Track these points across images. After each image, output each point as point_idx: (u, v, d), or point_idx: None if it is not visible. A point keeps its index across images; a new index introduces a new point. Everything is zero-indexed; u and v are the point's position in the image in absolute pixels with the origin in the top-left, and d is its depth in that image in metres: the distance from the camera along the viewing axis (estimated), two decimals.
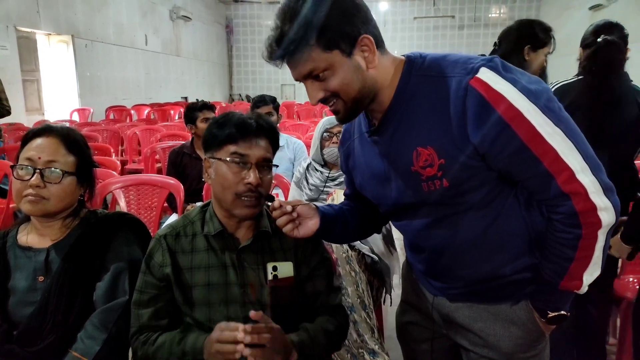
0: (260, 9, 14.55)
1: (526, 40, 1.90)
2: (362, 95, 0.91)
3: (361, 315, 1.77)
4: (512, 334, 1.00)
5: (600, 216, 0.84)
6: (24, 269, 1.20)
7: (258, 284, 1.13)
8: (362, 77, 0.89)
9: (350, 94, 0.90)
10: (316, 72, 0.88)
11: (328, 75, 0.88)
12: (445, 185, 0.90)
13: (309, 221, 1.07)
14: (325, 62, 0.87)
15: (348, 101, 0.91)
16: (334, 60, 0.87)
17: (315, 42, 0.85)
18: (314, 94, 0.91)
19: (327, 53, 0.86)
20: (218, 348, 0.99)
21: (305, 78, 0.90)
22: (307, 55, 0.86)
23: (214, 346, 0.99)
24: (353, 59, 0.88)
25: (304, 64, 0.88)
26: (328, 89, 0.90)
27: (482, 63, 0.85)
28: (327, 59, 0.86)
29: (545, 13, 13.52)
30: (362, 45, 0.88)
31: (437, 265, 1.05)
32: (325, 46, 0.85)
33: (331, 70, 0.88)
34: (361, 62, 0.88)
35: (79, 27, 7.67)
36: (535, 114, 0.82)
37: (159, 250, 1.14)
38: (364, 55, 0.88)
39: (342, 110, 0.93)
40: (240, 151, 1.08)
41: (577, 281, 0.90)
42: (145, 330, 1.11)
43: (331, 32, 0.85)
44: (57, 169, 1.17)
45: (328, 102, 0.92)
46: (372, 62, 0.89)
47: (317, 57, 0.86)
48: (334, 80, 0.88)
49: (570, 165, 0.82)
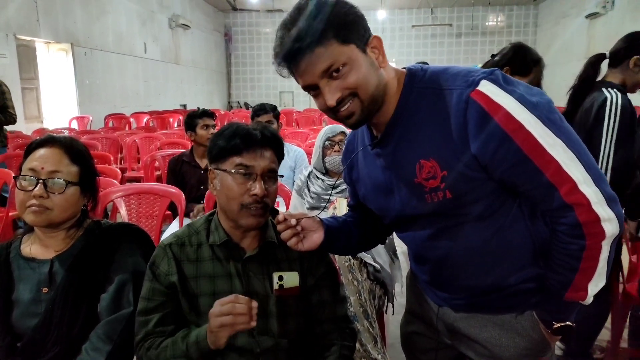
0: (259, 17, 14.64)
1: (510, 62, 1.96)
2: (378, 92, 0.90)
3: (364, 325, 1.76)
4: (518, 344, 1.00)
5: (604, 227, 0.84)
6: (27, 281, 1.20)
7: (264, 294, 1.13)
8: (377, 74, 0.90)
9: (368, 90, 0.88)
10: (336, 65, 0.86)
11: (347, 70, 0.87)
12: (449, 196, 0.90)
13: (313, 234, 1.07)
14: (345, 56, 0.86)
15: (365, 99, 0.89)
16: (352, 54, 0.86)
17: (333, 36, 0.85)
18: (331, 94, 0.88)
19: (345, 46, 0.86)
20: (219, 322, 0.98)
21: (322, 77, 0.87)
22: (325, 50, 0.85)
23: (214, 320, 0.99)
24: (367, 55, 0.89)
25: (323, 59, 0.85)
26: (347, 86, 0.87)
27: (483, 76, 0.85)
28: (346, 52, 0.86)
29: (542, 21, 13.65)
30: (372, 47, 0.89)
31: (442, 275, 1.05)
32: (343, 40, 0.85)
33: (350, 64, 0.86)
34: (374, 59, 0.90)
35: (78, 36, 7.71)
36: (536, 125, 0.82)
37: (165, 259, 1.14)
38: (374, 54, 0.90)
39: (358, 110, 0.90)
40: (245, 162, 1.09)
41: (582, 292, 0.90)
42: (150, 336, 1.11)
43: (347, 26, 0.86)
44: (60, 179, 1.17)
45: (344, 103, 0.89)
46: (383, 62, 0.91)
47: (336, 50, 0.85)
48: (353, 75, 0.87)
49: (573, 176, 0.83)
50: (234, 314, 0.97)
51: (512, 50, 2.02)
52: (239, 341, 1.10)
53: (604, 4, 9.49)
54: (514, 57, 1.98)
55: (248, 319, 0.98)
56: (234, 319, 0.97)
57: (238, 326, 0.98)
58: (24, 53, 6.63)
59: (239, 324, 0.98)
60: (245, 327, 0.98)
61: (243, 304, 0.98)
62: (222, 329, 0.99)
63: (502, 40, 13.67)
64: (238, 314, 0.97)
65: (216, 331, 1.00)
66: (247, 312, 0.98)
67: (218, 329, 0.99)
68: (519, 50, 2.01)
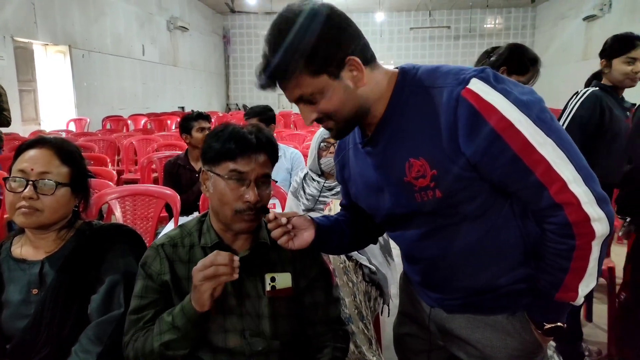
0: (257, 20, 14.66)
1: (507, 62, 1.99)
2: (354, 113, 0.93)
3: (359, 327, 1.76)
4: (509, 345, 0.99)
5: (594, 227, 0.84)
6: (17, 282, 1.19)
7: (256, 295, 1.13)
8: (352, 97, 0.91)
9: (341, 114, 0.92)
10: (306, 96, 0.90)
11: (318, 98, 0.90)
12: (439, 195, 0.90)
13: (304, 232, 1.07)
14: (314, 87, 0.89)
15: (340, 121, 0.94)
16: (323, 85, 0.88)
17: (302, 69, 0.86)
18: (307, 116, 0.94)
19: (315, 78, 0.87)
20: (201, 275, 0.98)
21: (297, 102, 0.93)
22: (295, 82, 0.89)
23: (197, 275, 0.99)
24: (341, 80, 0.89)
25: (293, 89, 0.90)
26: (320, 111, 0.92)
27: (474, 74, 0.85)
28: (316, 83, 0.88)
29: (540, 23, 13.69)
30: (350, 66, 0.89)
31: (433, 276, 1.05)
32: (312, 72, 0.87)
33: (321, 93, 0.89)
34: (349, 82, 0.89)
35: (76, 38, 7.70)
36: (526, 125, 0.82)
37: (157, 259, 1.13)
38: (352, 74, 0.89)
39: (335, 129, 0.96)
40: (239, 169, 1.08)
41: (572, 292, 0.90)
42: (138, 333, 1.10)
43: (317, 58, 0.86)
44: (50, 180, 1.16)
45: (321, 122, 0.95)
46: (360, 81, 0.90)
47: (305, 82, 0.88)
48: (325, 103, 0.90)
49: (563, 175, 0.82)
50: (216, 264, 0.98)
51: (507, 50, 2.02)
52: (231, 342, 1.10)
53: (601, 6, 9.53)
54: (510, 56, 1.99)
55: (230, 270, 0.98)
56: (216, 269, 0.98)
57: (221, 278, 0.98)
58: (21, 55, 6.62)
59: (222, 274, 0.98)
60: (227, 279, 0.99)
61: (224, 256, 0.99)
62: (206, 282, 0.98)
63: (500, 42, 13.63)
64: (220, 264, 0.98)
65: (199, 285, 0.99)
66: (229, 263, 0.98)
67: (201, 282, 0.98)
68: (515, 49, 2.01)
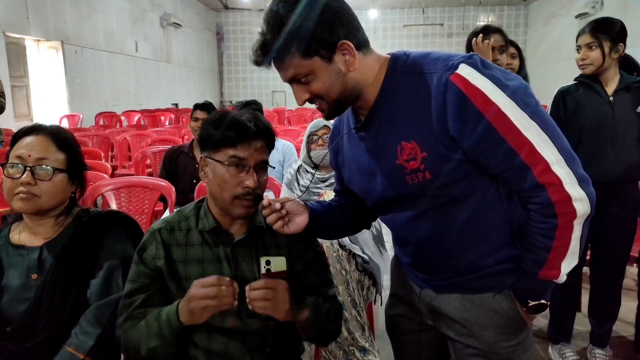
0: (251, 16, 14.62)
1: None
2: (344, 96, 0.96)
3: (352, 314, 1.79)
4: (495, 323, 1.03)
5: (575, 206, 0.88)
6: (17, 267, 1.21)
7: (252, 278, 1.15)
8: (343, 80, 0.94)
9: (332, 96, 0.95)
10: (298, 77, 0.94)
11: (310, 79, 0.94)
12: (428, 177, 0.93)
13: (297, 217, 1.10)
14: (307, 69, 0.92)
15: (331, 102, 0.97)
16: (315, 66, 0.92)
17: (296, 50, 0.90)
18: (299, 96, 0.97)
19: (307, 60, 0.91)
20: (203, 304, 1.00)
21: (290, 81, 0.96)
22: (289, 62, 0.92)
23: (198, 303, 1.00)
24: (333, 63, 0.92)
25: (287, 70, 0.94)
26: (311, 92, 0.95)
27: (462, 60, 0.89)
28: (308, 65, 0.92)
29: (532, 21, 13.77)
30: (342, 50, 0.92)
31: (423, 257, 1.08)
32: (305, 54, 0.91)
33: (313, 75, 0.93)
34: (342, 66, 0.93)
35: (68, 34, 7.66)
36: (512, 108, 0.86)
37: (153, 243, 1.15)
38: (344, 58, 0.93)
39: (327, 109, 0.99)
40: (239, 155, 1.10)
41: (555, 271, 0.94)
42: (131, 318, 1.12)
43: (311, 41, 0.89)
44: (47, 166, 1.19)
45: (313, 102, 0.98)
46: (352, 65, 0.93)
47: (298, 63, 0.92)
48: (316, 84, 0.94)
49: (546, 157, 0.86)
50: (220, 296, 1.00)
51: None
52: (226, 323, 1.12)
53: (593, 4, 9.60)
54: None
55: (232, 300, 1.01)
56: (220, 300, 1.00)
57: (223, 307, 1.01)
58: (13, 51, 6.57)
59: (224, 305, 1.01)
60: (228, 307, 1.01)
61: (228, 287, 1.01)
62: (206, 310, 1.01)
63: None
64: (224, 297, 1.00)
65: (199, 312, 1.01)
66: (232, 294, 1.01)
67: (202, 310, 1.01)
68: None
